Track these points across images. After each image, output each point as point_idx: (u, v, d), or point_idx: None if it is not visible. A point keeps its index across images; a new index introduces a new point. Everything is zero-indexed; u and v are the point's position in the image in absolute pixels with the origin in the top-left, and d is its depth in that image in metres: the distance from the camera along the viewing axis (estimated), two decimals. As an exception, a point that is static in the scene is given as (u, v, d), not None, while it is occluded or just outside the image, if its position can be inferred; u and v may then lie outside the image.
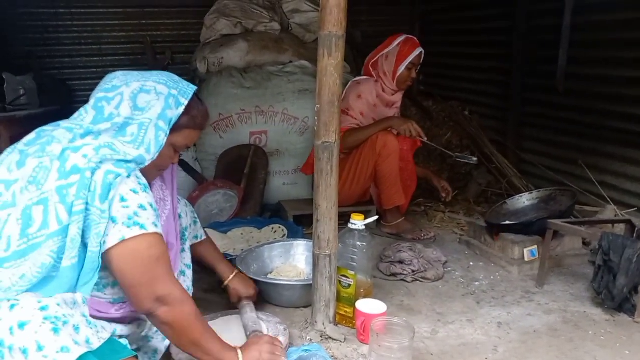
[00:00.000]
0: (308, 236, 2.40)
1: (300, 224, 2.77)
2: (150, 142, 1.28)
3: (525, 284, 2.25)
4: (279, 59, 3.43)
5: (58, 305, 1.06)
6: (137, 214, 1.20)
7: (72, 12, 4.19)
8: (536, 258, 2.35)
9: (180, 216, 1.64)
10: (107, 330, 1.23)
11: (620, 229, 2.35)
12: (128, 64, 4.40)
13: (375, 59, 2.80)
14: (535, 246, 2.37)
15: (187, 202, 1.80)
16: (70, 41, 4.24)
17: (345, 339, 1.79)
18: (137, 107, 1.28)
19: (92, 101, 1.31)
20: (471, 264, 2.47)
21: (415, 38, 2.81)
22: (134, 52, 4.37)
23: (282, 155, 3.28)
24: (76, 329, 1.06)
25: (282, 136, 3.27)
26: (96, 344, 1.09)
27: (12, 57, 4.13)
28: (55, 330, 1.02)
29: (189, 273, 1.66)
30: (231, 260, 2.18)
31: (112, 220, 1.18)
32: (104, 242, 1.17)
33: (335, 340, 1.78)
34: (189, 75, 4.01)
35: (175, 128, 1.33)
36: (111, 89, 1.30)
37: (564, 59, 3.06)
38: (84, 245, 1.18)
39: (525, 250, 2.37)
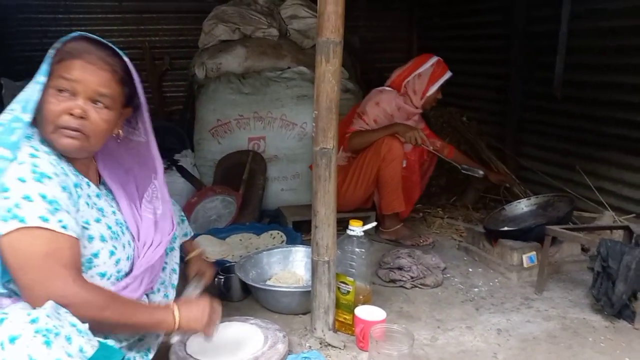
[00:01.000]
0: (307, 242, 2.39)
1: (299, 230, 2.77)
2: (27, 97, 1.21)
3: (524, 291, 2.24)
4: (277, 64, 3.43)
5: (48, 316, 1.04)
6: (18, 205, 1.09)
7: (71, 18, 4.20)
8: (535, 264, 2.35)
9: None
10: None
11: (618, 235, 2.35)
12: (126, 69, 4.40)
13: (409, 77, 2.80)
14: (534, 252, 2.37)
15: (173, 201, 1.71)
16: (69, 47, 4.24)
17: (344, 346, 1.78)
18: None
19: None
20: (470, 270, 2.47)
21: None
22: (133, 57, 4.25)
23: (280, 160, 3.28)
24: (68, 339, 1.04)
25: (280, 142, 3.27)
26: (90, 352, 1.06)
27: (11, 62, 4.13)
28: (47, 343, 1.00)
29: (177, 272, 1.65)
30: (229, 267, 2.19)
31: None
32: None
33: (334, 347, 1.77)
34: (187, 80, 4.02)
35: (51, 72, 1.23)
36: None
37: (561, 66, 3.07)
38: None
39: (524, 257, 2.36)
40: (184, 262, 1.76)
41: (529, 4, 3.41)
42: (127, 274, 1.38)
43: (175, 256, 1.64)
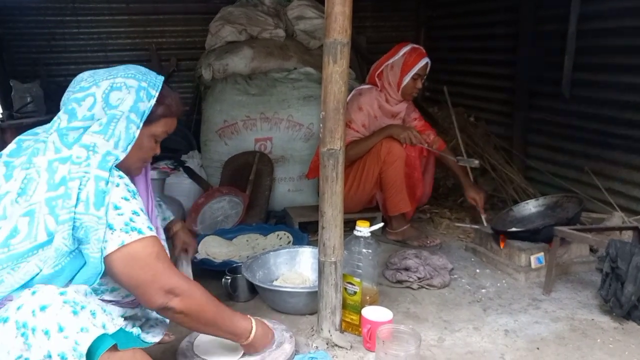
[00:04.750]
0: (313, 243, 2.40)
1: (306, 230, 2.77)
2: (120, 134, 1.29)
3: (532, 292, 2.23)
4: (284, 65, 3.44)
5: (75, 292, 1.13)
6: (132, 219, 1.25)
7: (79, 20, 4.23)
8: (543, 265, 2.34)
9: None
10: (119, 314, 1.36)
11: (627, 236, 2.33)
12: (134, 70, 4.43)
13: (380, 69, 2.78)
14: (542, 253, 2.36)
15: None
16: (77, 48, 4.28)
17: (351, 347, 1.78)
18: (110, 105, 1.29)
19: (63, 107, 1.32)
20: (477, 271, 2.46)
21: (422, 48, 2.78)
22: (140, 58, 4.40)
23: (287, 161, 3.29)
24: (93, 314, 1.12)
25: (287, 143, 3.27)
26: (112, 329, 1.14)
27: (19, 64, 4.17)
28: (75, 313, 1.07)
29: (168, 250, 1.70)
30: (236, 267, 2.19)
31: (110, 227, 1.22)
32: (104, 247, 1.21)
33: (341, 347, 1.77)
34: (194, 81, 4.03)
35: (152, 119, 1.36)
36: (79, 90, 1.31)
37: (570, 65, 3.05)
38: (80, 253, 1.23)
39: (532, 258, 2.35)
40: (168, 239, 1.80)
41: (536, 4, 3.39)
42: None
43: (160, 234, 1.66)
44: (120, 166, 1.32)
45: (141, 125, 1.33)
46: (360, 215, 2.66)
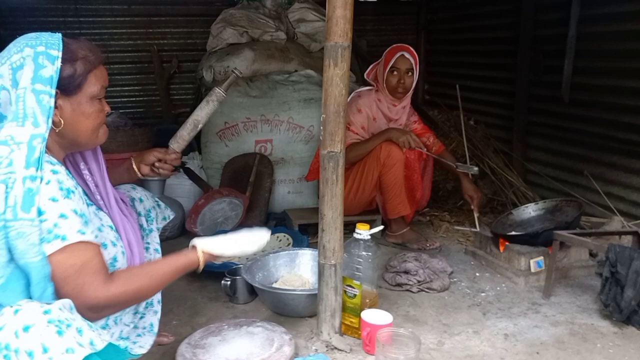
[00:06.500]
0: (313, 245, 2.40)
1: (306, 232, 2.77)
2: (33, 111, 1.16)
3: (532, 295, 2.23)
4: (285, 68, 3.44)
5: (60, 309, 1.08)
6: (57, 225, 1.15)
7: (81, 21, 4.23)
8: (542, 269, 2.34)
9: (141, 200, 1.66)
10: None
11: (627, 240, 2.33)
12: (135, 72, 4.44)
13: (373, 71, 2.86)
14: (542, 257, 2.36)
15: (143, 188, 1.74)
16: (78, 50, 4.28)
17: (350, 350, 1.78)
18: (16, 83, 1.18)
19: None
20: (477, 274, 2.46)
21: (404, 45, 2.78)
22: (141, 60, 4.41)
23: (287, 163, 3.29)
24: (79, 331, 1.07)
25: (287, 145, 3.28)
26: (100, 345, 1.09)
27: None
28: (60, 333, 1.03)
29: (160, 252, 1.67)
30: (236, 269, 2.19)
31: None
32: (42, 250, 1.14)
33: (340, 350, 1.77)
34: (195, 83, 4.04)
35: (79, 83, 1.24)
36: None
37: (570, 69, 3.06)
38: (13, 260, 1.14)
39: (532, 261, 2.35)
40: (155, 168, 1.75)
41: (536, 7, 3.40)
42: None
43: (155, 237, 1.67)
44: (74, 143, 1.27)
45: (53, 92, 1.18)
46: (360, 218, 2.66)
